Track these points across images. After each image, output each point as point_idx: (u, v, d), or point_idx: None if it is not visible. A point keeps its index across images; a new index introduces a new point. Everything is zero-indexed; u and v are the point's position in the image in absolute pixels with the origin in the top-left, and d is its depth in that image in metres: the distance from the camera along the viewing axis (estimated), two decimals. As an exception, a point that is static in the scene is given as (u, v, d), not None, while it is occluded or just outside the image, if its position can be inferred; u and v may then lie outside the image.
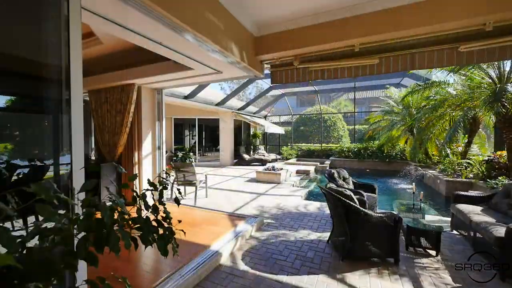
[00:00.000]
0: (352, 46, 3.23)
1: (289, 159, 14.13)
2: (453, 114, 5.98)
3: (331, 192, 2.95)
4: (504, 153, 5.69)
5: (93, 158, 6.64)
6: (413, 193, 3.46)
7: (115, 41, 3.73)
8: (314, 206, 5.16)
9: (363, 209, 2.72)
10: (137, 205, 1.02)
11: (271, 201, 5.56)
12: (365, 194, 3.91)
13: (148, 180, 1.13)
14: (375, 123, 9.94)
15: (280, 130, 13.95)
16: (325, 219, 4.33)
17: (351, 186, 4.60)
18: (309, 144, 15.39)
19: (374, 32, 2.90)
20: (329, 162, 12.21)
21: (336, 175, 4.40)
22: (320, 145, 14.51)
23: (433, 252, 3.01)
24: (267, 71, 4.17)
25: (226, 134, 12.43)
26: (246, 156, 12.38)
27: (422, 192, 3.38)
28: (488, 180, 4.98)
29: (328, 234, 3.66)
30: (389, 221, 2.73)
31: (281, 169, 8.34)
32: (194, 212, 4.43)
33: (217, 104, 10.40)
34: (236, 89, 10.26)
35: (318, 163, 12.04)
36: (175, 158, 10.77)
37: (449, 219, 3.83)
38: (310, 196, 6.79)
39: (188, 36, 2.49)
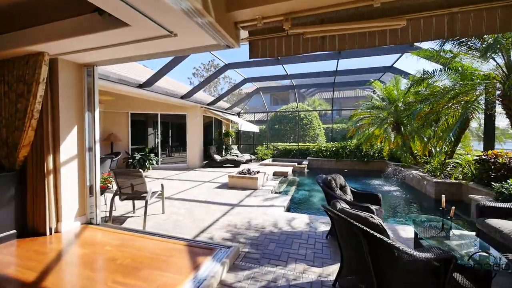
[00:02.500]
0: (370, 0, 2.20)
1: (265, 159, 13.12)
2: (452, 108, 5.45)
3: (344, 217, 1.88)
4: (498, 152, 5.29)
5: None
6: (442, 208, 2.57)
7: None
8: (301, 221, 4.11)
9: (400, 246, 1.69)
10: None
11: (248, 215, 4.39)
12: (373, 208, 2.96)
13: None
14: (360, 120, 9.36)
15: (255, 128, 12.85)
16: (320, 242, 3.29)
17: (350, 196, 3.64)
18: (285, 144, 14.56)
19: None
20: (306, 163, 11.47)
21: (333, 183, 3.39)
22: (296, 144, 13.75)
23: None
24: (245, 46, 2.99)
25: (194, 132, 10.94)
26: (217, 157, 11.03)
27: (453, 208, 2.51)
28: (493, 183, 4.42)
29: (331, 268, 2.61)
30: (437, 263, 1.74)
31: (258, 172, 7.22)
32: (138, 243, 3.06)
33: (183, 97, 8.90)
34: (205, 79, 8.87)
35: (296, 164, 11.22)
36: (131, 160, 9.01)
37: (470, 232, 3.06)
38: (292, 205, 5.77)
39: None
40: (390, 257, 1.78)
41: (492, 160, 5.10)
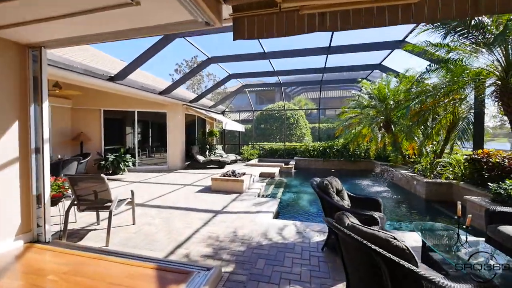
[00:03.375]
0: (381, -34, 1.78)
1: (251, 159, 12.65)
2: (441, 106, 5.26)
3: (357, 238, 1.44)
4: (489, 151, 5.18)
5: None
6: (458, 217, 2.23)
7: None
8: (291, 229, 3.67)
9: (437, 279, 1.27)
10: None
11: (232, 224, 3.89)
12: (377, 217, 2.57)
13: None
14: (350, 118, 9.11)
15: (240, 127, 12.34)
16: (315, 256, 2.87)
17: (347, 202, 3.25)
18: (272, 143, 14.17)
19: None
20: (293, 163, 11.14)
21: (330, 188, 2.97)
22: (283, 144, 13.40)
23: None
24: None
25: (175, 131, 10.22)
26: (200, 158, 10.39)
27: (470, 216, 2.18)
28: (489, 184, 4.24)
29: (332, 293, 2.18)
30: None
31: (244, 174, 6.72)
32: (94, 268, 2.46)
33: (162, 93, 8.19)
34: (186, 74, 8.23)
35: (283, 164, 10.84)
36: (103, 162, 8.16)
37: (478, 238, 2.77)
38: (281, 209, 5.34)
39: None
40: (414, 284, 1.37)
41: (484, 159, 4.97)
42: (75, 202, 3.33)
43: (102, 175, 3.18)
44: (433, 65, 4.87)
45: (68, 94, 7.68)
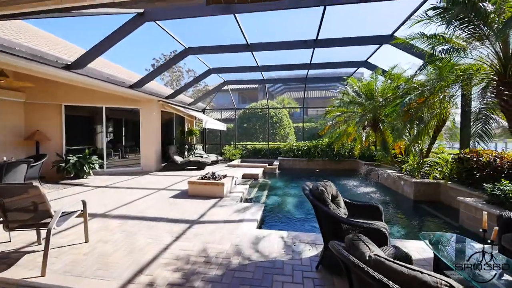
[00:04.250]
0: None
1: (233, 160, 12.04)
2: (428, 104, 5.03)
3: (373, 276, 0.94)
4: (479, 150, 5.06)
5: None
6: (484, 230, 1.84)
7: None
8: (279, 242, 3.17)
9: None
10: None
11: (210, 238, 3.30)
12: (385, 231, 2.13)
13: None
14: (337, 116, 8.80)
15: (221, 126, 11.68)
16: (309, 277, 2.37)
17: (344, 210, 2.80)
18: (255, 143, 13.65)
19: None
20: (277, 163, 10.71)
21: (325, 195, 2.49)
22: (267, 143, 12.94)
23: None
24: None
25: (150, 130, 9.35)
26: (178, 159, 9.59)
27: (496, 229, 1.81)
28: (484, 184, 4.04)
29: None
30: None
31: (225, 176, 6.13)
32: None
33: (133, 86, 7.35)
34: (162, 65, 7.46)
35: (267, 165, 10.37)
36: (63, 165, 7.13)
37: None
38: (266, 216, 4.83)
39: None
40: None
41: (475, 158, 4.82)
42: (1, 219, 2.55)
43: (36, 183, 2.44)
44: (424, 62, 4.61)
45: (18, 85, 6.59)
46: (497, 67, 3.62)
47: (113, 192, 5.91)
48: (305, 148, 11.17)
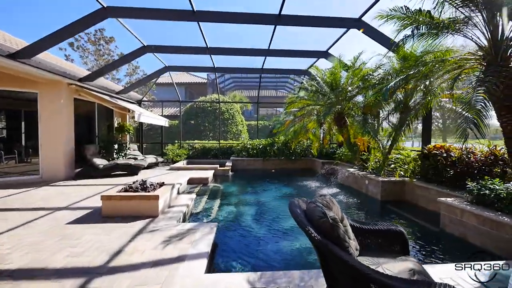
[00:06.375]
0: None
1: (177, 161, 10.18)
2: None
3: None
4: (440, 144, 4.83)
5: None
6: None
7: None
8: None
9: None
10: None
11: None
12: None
13: None
14: (300, 110, 7.92)
15: (162, 121, 9.70)
16: None
17: (354, 242, 1.70)
18: (204, 141, 12.00)
19: None
20: (230, 164, 9.41)
21: (341, 230, 1.34)
22: (218, 142, 11.46)
23: None
24: None
25: (56, 123, 6.82)
26: (99, 162, 7.27)
27: None
28: (469, 183, 3.59)
29: None
30: None
31: (162, 184, 4.52)
32: None
33: (18, 57, 4.96)
34: (117, 60, 5.97)
35: (218, 166, 8.94)
36: None
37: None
38: (220, 242, 3.48)
39: None
40: None
41: (445, 155, 4.52)
42: None
43: None
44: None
45: None
46: (486, 51, 3.18)
47: (-35, 219, 3.60)
48: (260, 147, 10.18)
